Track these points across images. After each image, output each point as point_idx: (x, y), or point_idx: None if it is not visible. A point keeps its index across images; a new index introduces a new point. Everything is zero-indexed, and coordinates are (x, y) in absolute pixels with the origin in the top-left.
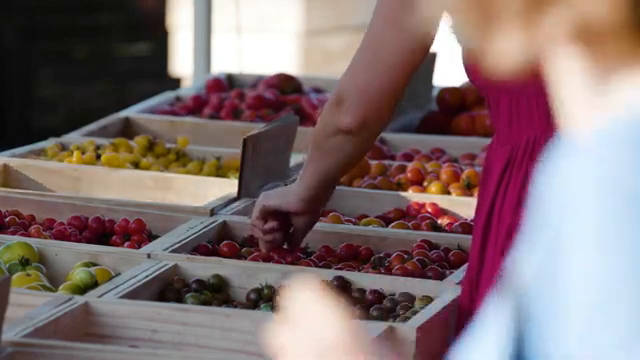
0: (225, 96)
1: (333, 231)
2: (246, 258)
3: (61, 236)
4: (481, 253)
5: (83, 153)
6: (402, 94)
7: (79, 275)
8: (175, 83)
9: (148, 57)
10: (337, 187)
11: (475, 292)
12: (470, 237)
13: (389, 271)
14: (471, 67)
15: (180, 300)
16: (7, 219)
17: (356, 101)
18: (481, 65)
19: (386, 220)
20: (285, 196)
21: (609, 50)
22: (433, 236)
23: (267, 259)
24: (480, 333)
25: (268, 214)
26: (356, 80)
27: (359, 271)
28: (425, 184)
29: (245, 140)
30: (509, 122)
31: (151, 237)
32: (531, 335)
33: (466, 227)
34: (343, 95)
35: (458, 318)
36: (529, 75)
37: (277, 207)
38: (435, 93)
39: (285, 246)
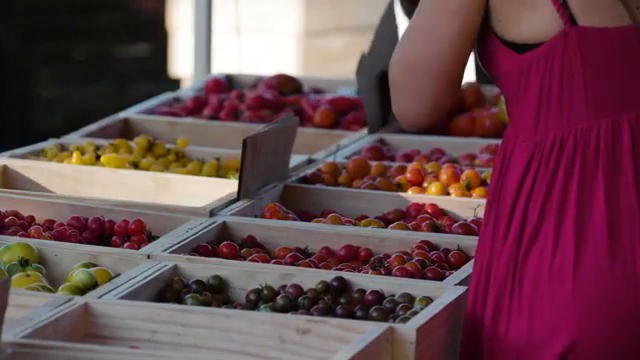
0: (225, 97)
1: (333, 232)
2: (245, 259)
3: (61, 237)
4: (490, 254)
5: (83, 154)
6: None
7: (79, 276)
8: (175, 84)
9: (148, 58)
10: (337, 188)
11: (484, 291)
12: (470, 237)
13: (389, 272)
14: (500, 52)
15: (180, 301)
16: (7, 220)
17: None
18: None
19: (386, 221)
20: None
21: None
22: (433, 237)
23: (266, 260)
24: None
25: None
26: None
27: (359, 272)
28: (425, 185)
29: (245, 141)
30: (537, 115)
31: (151, 238)
32: None
33: (466, 228)
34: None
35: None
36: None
37: None
38: None
39: None
